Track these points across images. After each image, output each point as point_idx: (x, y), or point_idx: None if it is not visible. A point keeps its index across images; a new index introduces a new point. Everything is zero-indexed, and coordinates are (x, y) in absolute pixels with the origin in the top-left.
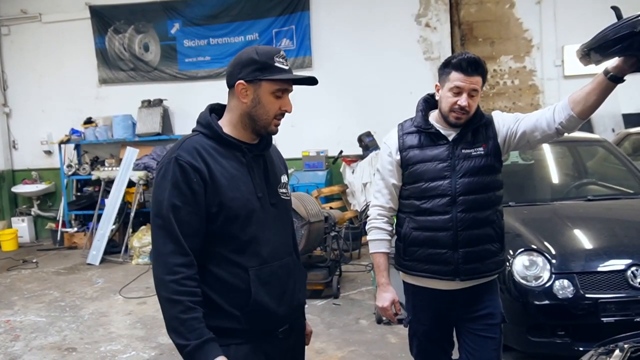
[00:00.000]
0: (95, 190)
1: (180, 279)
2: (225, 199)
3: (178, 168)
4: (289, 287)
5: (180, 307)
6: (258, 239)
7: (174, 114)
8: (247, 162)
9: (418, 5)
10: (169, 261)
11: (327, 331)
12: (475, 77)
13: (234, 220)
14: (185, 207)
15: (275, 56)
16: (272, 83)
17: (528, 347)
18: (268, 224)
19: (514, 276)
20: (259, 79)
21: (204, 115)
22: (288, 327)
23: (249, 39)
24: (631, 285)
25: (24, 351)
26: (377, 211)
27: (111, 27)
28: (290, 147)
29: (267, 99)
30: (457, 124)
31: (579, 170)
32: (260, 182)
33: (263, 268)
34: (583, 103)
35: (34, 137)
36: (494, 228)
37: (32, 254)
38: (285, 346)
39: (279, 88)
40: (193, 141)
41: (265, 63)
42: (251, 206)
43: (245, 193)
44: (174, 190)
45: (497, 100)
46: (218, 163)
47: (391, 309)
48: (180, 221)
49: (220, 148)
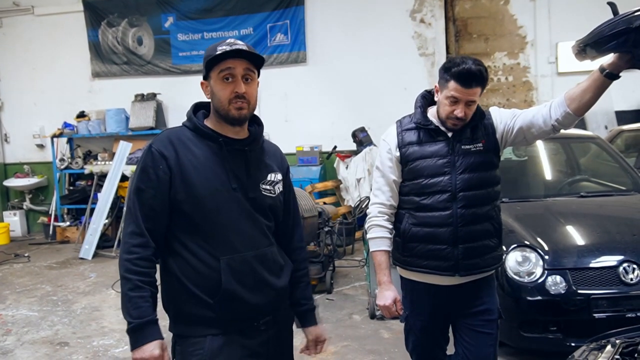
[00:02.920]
0: (88, 184)
1: (134, 259)
2: (190, 185)
3: (150, 155)
4: (267, 278)
5: (129, 284)
6: (229, 229)
7: (167, 108)
8: (222, 153)
9: (413, 1)
10: (128, 241)
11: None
12: (474, 88)
13: (200, 207)
14: (148, 190)
15: (219, 45)
16: (215, 70)
17: (520, 343)
18: (243, 215)
19: (506, 272)
20: (208, 73)
21: (189, 110)
22: (271, 318)
23: (243, 33)
24: (623, 282)
25: (16, 345)
26: (378, 209)
27: (104, 20)
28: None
29: (218, 86)
30: (454, 129)
31: (572, 167)
32: (237, 174)
33: (234, 257)
34: (579, 100)
35: (26, 130)
36: (492, 223)
37: (24, 248)
38: (266, 337)
39: (222, 70)
40: (171, 131)
41: (209, 56)
42: (220, 196)
43: (214, 182)
44: (142, 174)
45: (491, 97)
46: (189, 151)
47: (393, 307)
48: (142, 203)
49: (196, 139)
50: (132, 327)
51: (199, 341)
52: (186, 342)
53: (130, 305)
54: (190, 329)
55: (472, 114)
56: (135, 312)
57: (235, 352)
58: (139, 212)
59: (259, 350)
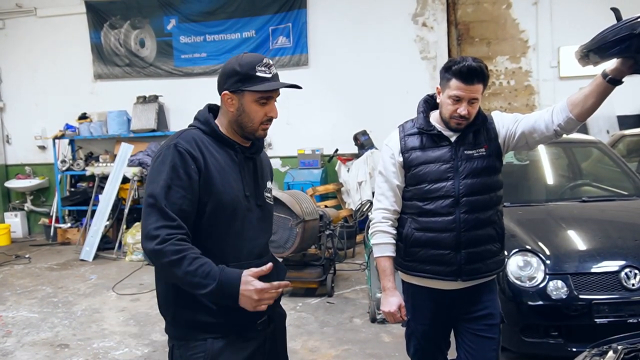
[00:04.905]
0: (89, 186)
1: (174, 240)
2: (216, 190)
3: (177, 154)
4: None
5: (186, 262)
6: (241, 236)
7: (169, 111)
8: (238, 160)
9: (415, 5)
10: (158, 233)
11: (320, 330)
12: (476, 85)
13: (220, 212)
14: (179, 189)
15: (257, 65)
16: (254, 93)
17: (521, 348)
18: (253, 222)
19: (508, 276)
20: (241, 89)
21: (203, 113)
22: (266, 318)
23: (245, 36)
24: (624, 287)
25: (16, 347)
26: (382, 214)
27: (107, 22)
28: (286, 145)
29: (251, 107)
30: (458, 129)
31: (574, 172)
32: (249, 182)
33: (241, 265)
34: (581, 105)
35: (28, 131)
36: (495, 228)
37: (25, 250)
38: (263, 337)
39: (262, 96)
40: (191, 133)
41: (247, 74)
42: (238, 202)
43: (235, 189)
44: (172, 173)
45: (492, 101)
46: (213, 156)
47: (398, 314)
48: (171, 202)
49: (215, 144)
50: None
51: (199, 344)
52: (186, 346)
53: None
54: (189, 332)
55: (475, 114)
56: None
57: (235, 354)
58: (167, 208)
59: (257, 351)
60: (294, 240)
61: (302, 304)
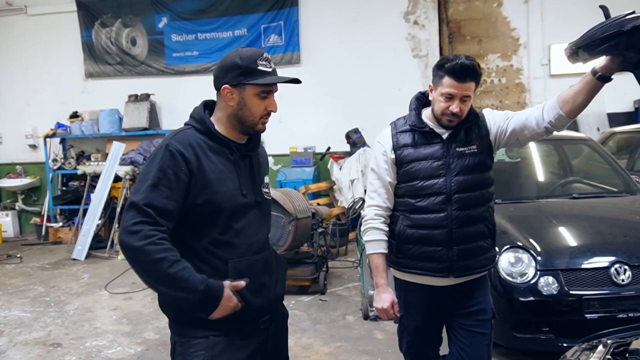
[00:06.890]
0: (80, 184)
1: (156, 240)
2: (212, 192)
3: (168, 154)
4: (267, 281)
5: (166, 263)
6: (240, 234)
7: (161, 109)
8: (234, 159)
9: (406, 3)
10: (140, 229)
11: (313, 327)
12: (469, 83)
13: (218, 213)
14: (165, 189)
15: (259, 59)
16: (256, 86)
17: (513, 343)
18: (252, 220)
19: (499, 273)
20: (243, 83)
21: (198, 111)
22: (269, 317)
23: (237, 34)
24: (614, 282)
25: (8, 347)
26: (374, 211)
27: (98, 21)
28: (278, 143)
29: (252, 101)
30: (450, 127)
31: (565, 169)
32: (246, 180)
33: (241, 261)
34: (571, 102)
35: (19, 130)
36: (486, 225)
37: (16, 249)
38: (265, 336)
39: (263, 90)
40: (187, 134)
41: (248, 67)
42: (236, 202)
43: (231, 189)
44: (160, 172)
45: (484, 99)
46: (208, 158)
47: (391, 310)
48: (156, 200)
49: (211, 144)
50: (197, 300)
51: (201, 342)
52: (187, 343)
53: (179, 282)
54: (191, 330)
55: (467, 111)
56: (189, 285)
57: (236, 352)
58: (148, 208)
59: (258, 349)
60: (287, 238)
61: (295, 301)
